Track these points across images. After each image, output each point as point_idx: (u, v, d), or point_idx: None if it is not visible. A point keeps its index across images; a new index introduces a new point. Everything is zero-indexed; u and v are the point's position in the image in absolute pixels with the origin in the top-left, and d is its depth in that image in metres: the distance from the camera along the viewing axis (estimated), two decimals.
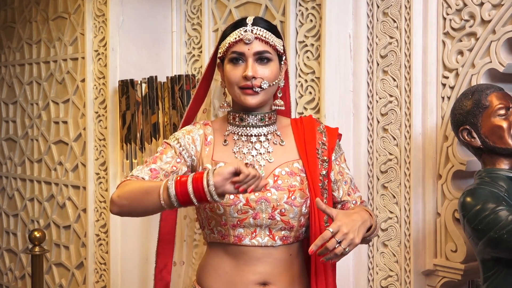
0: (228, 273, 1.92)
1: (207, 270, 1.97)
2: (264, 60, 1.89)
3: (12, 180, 4.46)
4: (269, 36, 1.89)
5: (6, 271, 4.53)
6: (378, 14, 2.74)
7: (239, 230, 1.90)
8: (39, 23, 4.12)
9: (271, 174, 1.91)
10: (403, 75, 2.66)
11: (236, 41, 1.89)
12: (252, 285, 1.90)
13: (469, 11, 2.49)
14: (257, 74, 1.87)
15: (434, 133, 2.60)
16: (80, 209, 3.84)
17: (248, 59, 1.88)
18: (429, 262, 2.61)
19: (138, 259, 3.58)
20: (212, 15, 3.43)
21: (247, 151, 1.94)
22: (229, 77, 1.90)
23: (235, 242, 1.90)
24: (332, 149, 1.99)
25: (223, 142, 1.96)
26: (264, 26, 1.91)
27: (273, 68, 1.90)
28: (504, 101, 2.16)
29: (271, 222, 1.89)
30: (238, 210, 1.87)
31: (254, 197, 1.87)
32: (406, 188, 2.66)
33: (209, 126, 2.00)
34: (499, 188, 2.11)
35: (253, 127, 1.95)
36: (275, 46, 1.91)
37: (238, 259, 1.91)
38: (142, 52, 3.57)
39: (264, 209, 1.88)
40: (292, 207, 1.90)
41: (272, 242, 1.90)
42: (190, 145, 1.95)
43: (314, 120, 2.04)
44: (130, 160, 3.40)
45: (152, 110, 3.34)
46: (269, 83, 1.88)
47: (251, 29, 1.89)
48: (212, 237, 1.96)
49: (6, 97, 4.49)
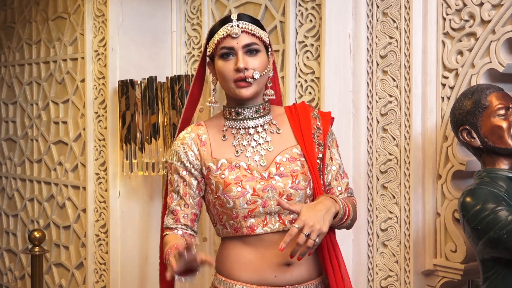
0: (252, 261, 1.98)
1: (228, 261, 2.02)
2: (253, 51, 1.97)
3: (12, 180, 4.46)
4: (254, 29, 1.98)
5: (6, 271, 4.53)
6: (378, 14, 2.74)
7: (250, 220, 1.96)
8: (39, 23, 4.12)
9: (272, 162, 1.99)
10: (403, 75, 2.66)
11: (224, 37, 1.97)
12: (278, 267, 1.97)
13: (468, 11, 2.49)
14: (248, 65, 1.95)
15: (434, 133, 2.60)
16: (80, 209, 3.84)
17: (237, 52, 1.96)
18: (429, 262, 2.61)
19: (138, 259, 3.58)
20: (212, 15, 3.43)
21: (246, 143, 2.01)
22: (222, 72, 1.98)
23: (248, 233, 1.97)
24: (326, 132, 2.07)
25: (222, 137, 2.03)
26: (249, 20, 2.01)
27: (262, 58, 1.98)
28: (503, 101, 2.17)
29: (279, 208, 1.96)
30: (247, 201, 1.94)
31: (260, 186, 1.95)
32: (406, 188, 2.66)
33: (202, 126, 2.07)
34: (498, 188, 2.11)
35: (249, 120, 2.03)
36: (261, 38, 1.99)
37: (257, 246, 1.98)
38: (142, 52, 3.57)
39: (271, 196, 1.95)
40: (297, 191, 1.97)
41: (283, 227, 1.97)
42: (188, 152, 2.03)
43: (307, 106, 2.12)
44: (130, 160, 3.40)
45: (151, 110, 3.34)
46: (260, 73, 1.96)
47: (236, 23, 1.98)
48: (225, 232, 2.03)
49: (6, 97, 4.49)
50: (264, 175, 1.96)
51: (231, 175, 1.96)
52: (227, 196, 1.95)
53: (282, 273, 1.97)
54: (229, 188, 1.95)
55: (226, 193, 1.95)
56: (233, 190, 1.94)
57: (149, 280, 3.55)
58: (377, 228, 2.75)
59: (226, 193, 1.95)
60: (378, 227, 2.74)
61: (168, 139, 3.30)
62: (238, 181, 1.95)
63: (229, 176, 1.96)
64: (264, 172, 1.97)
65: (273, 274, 1.96)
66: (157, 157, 3.33)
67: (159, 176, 3.45)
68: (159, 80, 3.37)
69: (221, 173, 1.97)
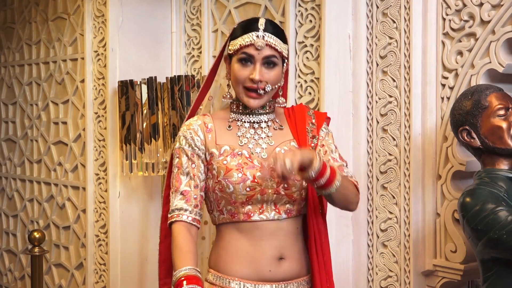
0: (248, 252, 2.02)
1: (225, 254, 2.05)
2: (270, 64, 2.01)
3: (12, 181, 4.46)
4: (278, 44, 2.01)
5: (6, 271, 4.53)
6: (377, 14, 2.74)
7: (247, 207, 2.01)
8: (39, 23, 4.12)
9: (272, 153, 2.04)
10: (403, 76, 2.66)
11: (247, 45, 1.99)
12: (272, 260, 2.02)
13: (468, 11, 2.49)
14: (263, 78, 1.99)
15: (434, 134, 2.60)
16: (80, 210, 3.84)
17: (256, 62, 1.99)
18: (429, 262, 2.61)
19: (137, 260, 3.58)
20: (211, 16, 3.43)
21: (250, 136, 2.07)
22: (236, 75, 2.02)
23: (244, 219, 2.02)
24: (320, 127, 2.13)
25: (228, 127, 2.08)
26: (274, 32, 2.02)
27: (277, 72, 2.03)
28: (503, 102, 2.17)
29: (276, 197, 2.02)
30: (247, 187, 1.99)
31: (261, 174, 1.99)
32: (405, 189, 2.66)
33: (208, 116, 2.12)
34: (498, 188, 2.11)
35: (255, 114, 2.09)
36: (282, 53, 2.02)
37: (253, 234, 2.03)
38: (141, 53, 3.57)
39: (269, 185, 2.00)
40: (294, 181, 2.02)
41: (278, 216, 2.03)
42: (194, 137, 2.06)
43: (304, 106, 2.19)
44: (129, 160, 3.40)
45: (151, 111, 3.34)
46: (272, 86, 2.01)
47: (262, 35, 1.99)
48: (221, 218, 2.07)
49: (6, 97, 4.49)
50: (264, 165, 2.01)
51: (233, 162, 2.00)
52: (227, 181, 1.99)
53: (276, 268, 2.02)
54: (230, 174, 1.99)
55: (227, 178, 1.99)
56: (234, 176, 1.99)
57: (148, 280, 3.55)
58: (377, 229, 2.75)
59: (227, 178, 1.99)
60: (378, 227, 2.75)
61: (168, 140, 3.30)
62: (240, 168, 1.99)
63: (231, 162, 2.00)
64: (264, 162, 2.02)
65: (267, 268, 2.01)
66: (157, 157, 3.33)
67: (159, 176, 3.45)
68: (158, 81, 3.37)
69: (223, 159, 2.02)
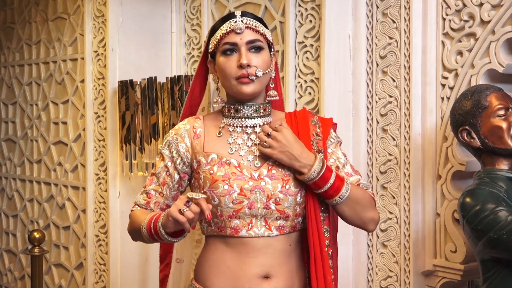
0: (230, 267, 1.92)
1: (208, 266, 1.97)
2: (256, 49, 1.92)
3: (12, 181, 4.46)
4: (258, 25, 1.94)
5: (6, 271, 4.53)
6: (377, 14, 2.74)
7: (235, 221, 1.90)
8: (39, 23, 4.12)
9: (265, 163, 1.94)
10: (403, 76, 2.66)
11: (228, 32, 1.92)
12: (256, 279, 1.90)
13: (468, 11, 2.49)
14: (251, 62, 1.90)
15: (434, 134, 2.60)
16: (80, 210, 3.84)
17: (241, 48, 1.91)
18: (429, 262, 2.61)
19: (137, 260, 3.57)
20: (211, 16, 3.43)
21: (241, 142, 1.96)
22: (223, 69, 1.93)
23: (231, 234, 1.91)
24: (326, 138, 2.00)
25: (218, 133, 1.98)
26: (253, 17, 1.97)
27: (265, 56, 1.93)
28: (503, 102, 2.17)
29: (266, 212, 1.90)
30: (233, 200, 1.88)
31: (248, 186, 1.89)
32: (405, 189, 2.66)
33: (199, 119, 2.02)
34: (498, 188, 2.11)
35: (248, 118, 1.97)
36: (265, 35, 1.95)
37: (239, 251, 1.92)
38: (141, 53, 3.57)
39: (259, 198, 1.89)
40: (286, 196, 1.90)
41: (269, 233, 1.91)
42: (179, 144, 1.98)
43: (307, 112, 2.05)
44: (129, 160, 3.40)
45: (151, 111, 3.34)
46: (263, 71, 1.91)
47: (241, 19, 1.93)
48: (209, 230, 1.97)
49: (6, 97, 4.49)
50: (254, 175, 1.90)
51: (220, 172, 1.90)
52: (213, 193, 1.89)
53: (257, 286, 1.90)
54: (215, 185, 1.89)
55: (213, 189, 1.89)
56: (220, 187, 1.88)
57: (149, 280, 3.55)
58: (377, 229, 2.75)
59: (212, 189, 1.89)
60: (378, 227, 2.74)
61: None
62: (226, 179, 1.89)
63: (217, 172, 1.90)
64: (254, 172, 1.91)
65: (247, 286, 1.90)
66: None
67: None
68: (158, 81, 3.37)
69: (210, 168, 1.91)
